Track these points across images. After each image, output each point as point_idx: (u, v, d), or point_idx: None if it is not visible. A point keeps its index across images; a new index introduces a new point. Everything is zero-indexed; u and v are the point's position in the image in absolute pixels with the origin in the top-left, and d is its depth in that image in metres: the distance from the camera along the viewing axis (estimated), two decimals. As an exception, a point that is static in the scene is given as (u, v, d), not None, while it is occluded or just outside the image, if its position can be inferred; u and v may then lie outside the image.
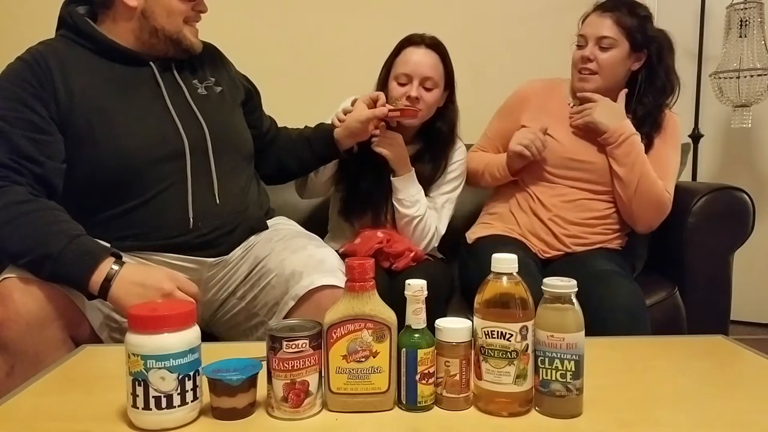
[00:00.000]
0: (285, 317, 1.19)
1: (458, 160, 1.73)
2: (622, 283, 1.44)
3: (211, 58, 1.44)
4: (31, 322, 1.03)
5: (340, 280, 1.17)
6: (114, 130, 1.21)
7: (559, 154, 1.67)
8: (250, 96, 1.51)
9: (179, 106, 1.29)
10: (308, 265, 1.21)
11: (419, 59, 1.63)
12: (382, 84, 1.69)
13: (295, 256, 1.24)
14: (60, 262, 1.06)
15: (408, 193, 1.61)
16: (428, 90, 1.63)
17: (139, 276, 1.08)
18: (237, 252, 1.31)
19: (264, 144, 1.54)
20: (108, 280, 1.06)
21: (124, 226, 1.22)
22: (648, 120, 1.66)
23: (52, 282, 1.07)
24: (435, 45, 1.66)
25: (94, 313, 1.13)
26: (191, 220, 1.25)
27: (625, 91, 1.66)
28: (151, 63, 1.30)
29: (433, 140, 1.71)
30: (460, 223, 1.82)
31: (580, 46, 1.67)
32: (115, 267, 1.07)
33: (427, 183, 1.69)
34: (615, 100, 1.66)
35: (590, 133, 1.65)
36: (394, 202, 1.62)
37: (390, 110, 1.50)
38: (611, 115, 1.62)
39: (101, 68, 1.26)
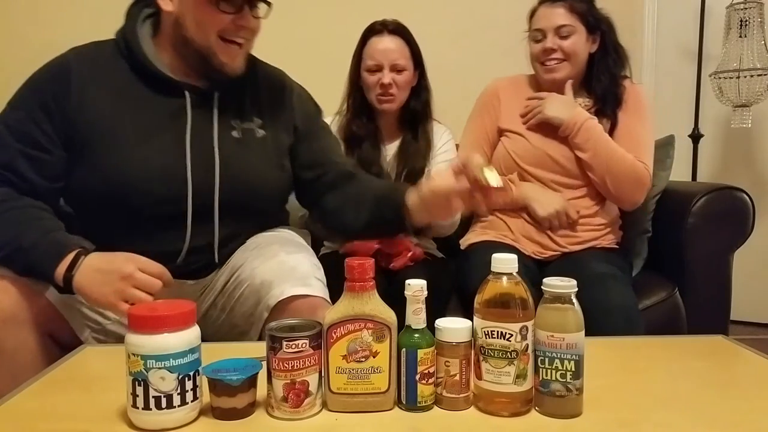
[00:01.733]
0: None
1: (446, 141, 1.80)
2: (616, 287, 1.43)
3: (272, 94, 1.30)
4: (7, 320, 1.01)
5: (312, 289, 1.12)
6: (114, 157, 1.14)
7: (535, 154, 1.67)
8: (301, 139, 1.32)
9: (199, 146, 1.18)
10: (278, 274, 1.14)
11: (385, 47, 1.70)
12: (354, 76, 1.76)
13: (266, 265, 1.17)
14: (30, 254, 1.04)
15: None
16: (399, 73, 1.70)
17: (100, 262, 1.05)
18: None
19: (314, 188, 1.32)
20: (70, 270, 1.03)
21: (111, 248, 1.14)
22: (608, 96, 1.67)
23: (25, 276, 1.06)
24: (397, 29, 1.72)
25: (72, 314, 1.11)
26: (180, 258, 1.19)
27: (570, 81, 1.67)
28: (187, 93, 1.18)
29: (411, 120, 1.78)
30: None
31: (538, 41, 1.67)
32: (81, 257, 1.05)
33: (422, 162, 1.74)
34: (576, 82, 1.68)
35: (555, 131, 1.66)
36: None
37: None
38: (561, 107, 1.63)
39: (130, 89, 1.17)
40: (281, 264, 1.17)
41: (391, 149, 1.78)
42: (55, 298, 1.08)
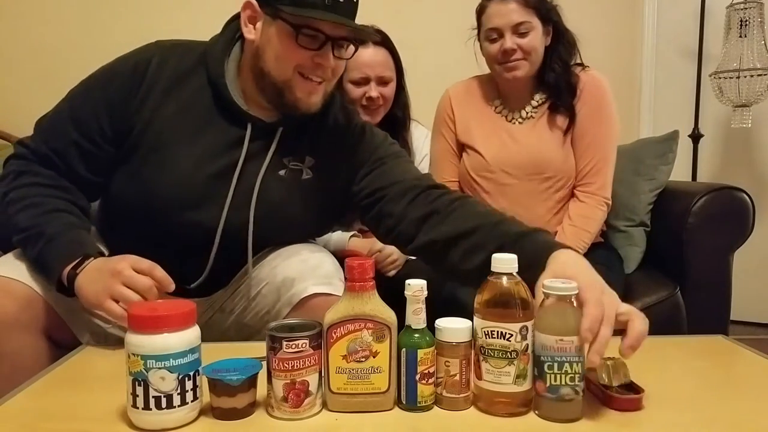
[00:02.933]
0: None
1: (427, 154, 1.78)
2: None
3: (335, 134, 1.22)
4: (8, 324, 1.01)
5: (335, 288, 1.10)
6: (158, 173, 1.13)
7: (487, 168, 1.63)
8: (361, 175, 1.21)
9: (244, 182, 1.15)
10: (301, 271, 1.13)
11: (370, 60, 1.66)
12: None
13: (287, 262, 1.16)
14: (51, 242, 1.03)
15: None
16: (385, 85, 1.68)
17: (100, 263, 1.02)
18: None
19: (376, 211, 1.18)
20: (75, 269, 1.01)
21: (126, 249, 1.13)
22: (562, 86, 1.60)
23: (36, 263, 1.05)
24: (381, 41, 1.68)
25: (73, 317, 1.10)
26: (195, 284, 1.18)
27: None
28: (249, 125, 1.15)
29: (391, 128, 1.73)
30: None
31: (491, 38, 1.59)
32: (90, 259, 1.02)
33: None
34: (532, 78, 1.63)
35: (515, 142, 1.62)
36: None
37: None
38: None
39: (198, 107, 1.15)
40: (304, 262, 1.15)
41: None
42: (56, 302, 1.07)
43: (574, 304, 0.77)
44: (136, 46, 1.21)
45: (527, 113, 1.65)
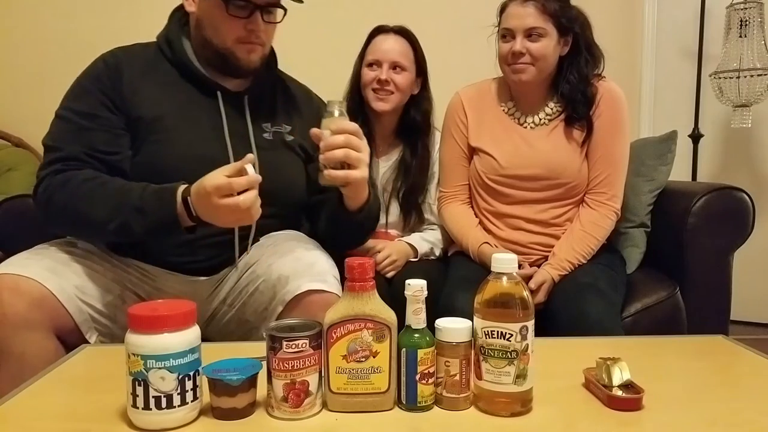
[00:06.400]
0: None
1: None
2: (595, 300, 1.38)
3: (300, 105, 1.39)
4: (17, 323, 1.01)
5: (329, 285, 1.14)
6: (160, 143, 1.21)
7: (500, 172, 1.61)
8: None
9: (238, 141, 1.25)
10: (296, 269, 1.16)
11: (388, 45, 1.70)
12: (355, 76, 1.75)
13: (282, 260, 1.19)
14: (146, 212, 1.10)
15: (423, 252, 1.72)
16: (398, 72, 1.69)
17: (198, 199, 1.07)
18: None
19: (314, 202, 1.38)
20: (191, 213, 1.08)
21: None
22: (578, 97, 1.58)
23: (148, 237, 1.13)
24: (403, 32, 1.72)
25: (81, 316, 1.11)
26: (204, 249, 1.23)
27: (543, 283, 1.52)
28: (219, 93, 1.27)
29: (410, 132, 1.75)
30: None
31: (504, 38, 1.59)
32: (188, 198, 1.08)
33: (422, 177, 1.74)
34: (546, 86, 1.62)
35: (529, 147, 1.61)
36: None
37: None
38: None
39: (173, 85, 1.25)
40: (298, 260, 1.19)
41: (385, 164, 1.76)
42: (67, 301, 1.08)
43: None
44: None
45: (540, 119, 1.63)
